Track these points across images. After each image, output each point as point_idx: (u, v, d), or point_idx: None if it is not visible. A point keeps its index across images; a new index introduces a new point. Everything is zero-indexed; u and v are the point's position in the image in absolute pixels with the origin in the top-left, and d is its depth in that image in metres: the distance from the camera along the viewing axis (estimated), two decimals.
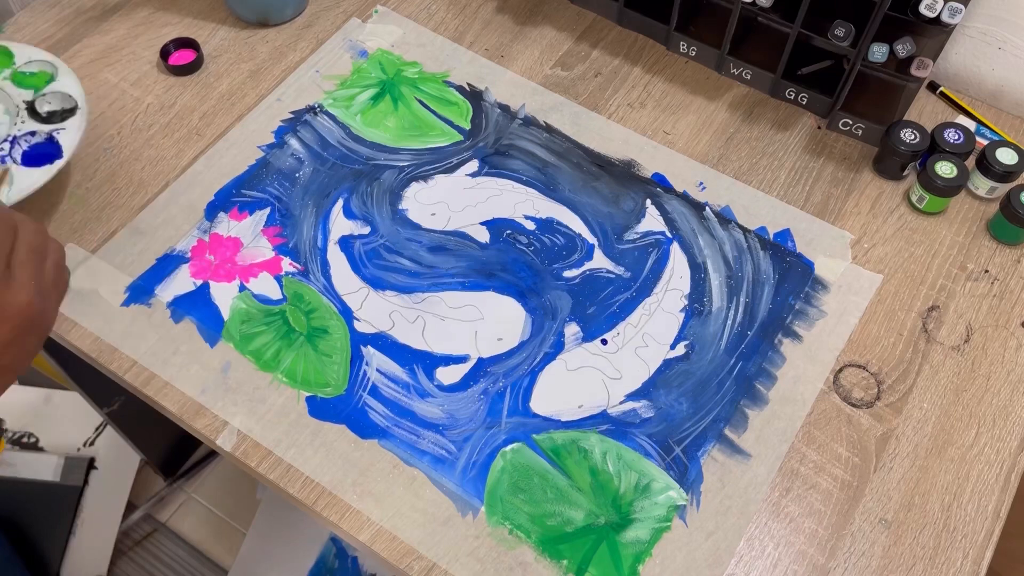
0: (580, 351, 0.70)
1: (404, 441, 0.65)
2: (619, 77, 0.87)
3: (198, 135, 0.82)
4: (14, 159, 0.71)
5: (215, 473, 1.36)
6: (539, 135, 0.82)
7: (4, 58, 0.78)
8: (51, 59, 0.78)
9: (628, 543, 0.62)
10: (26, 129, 0.73)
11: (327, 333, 0.70)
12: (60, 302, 0.60)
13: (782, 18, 0.79)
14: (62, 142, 0.73)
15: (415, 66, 0.87)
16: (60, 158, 0.72)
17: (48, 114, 0.74)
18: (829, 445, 0.66)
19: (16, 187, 0.69)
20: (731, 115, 0.85)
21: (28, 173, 0.71)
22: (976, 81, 0.87)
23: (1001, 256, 0.76)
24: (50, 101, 0.75)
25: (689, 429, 0.67)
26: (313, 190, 0.78)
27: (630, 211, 0.78)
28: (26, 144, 0.72)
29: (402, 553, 0.61)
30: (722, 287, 0.74)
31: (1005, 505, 0.64)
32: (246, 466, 0.65)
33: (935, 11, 0.70)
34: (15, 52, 0.78)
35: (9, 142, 0.72)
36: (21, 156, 0.71)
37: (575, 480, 0.64)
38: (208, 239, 0.75)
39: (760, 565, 0.61)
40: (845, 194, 0.80)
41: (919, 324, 0.72)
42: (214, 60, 0.87)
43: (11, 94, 0.75)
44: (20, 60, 0.78)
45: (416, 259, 0.75)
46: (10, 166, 0.70)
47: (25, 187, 0.70)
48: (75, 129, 0.73)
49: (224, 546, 1.30)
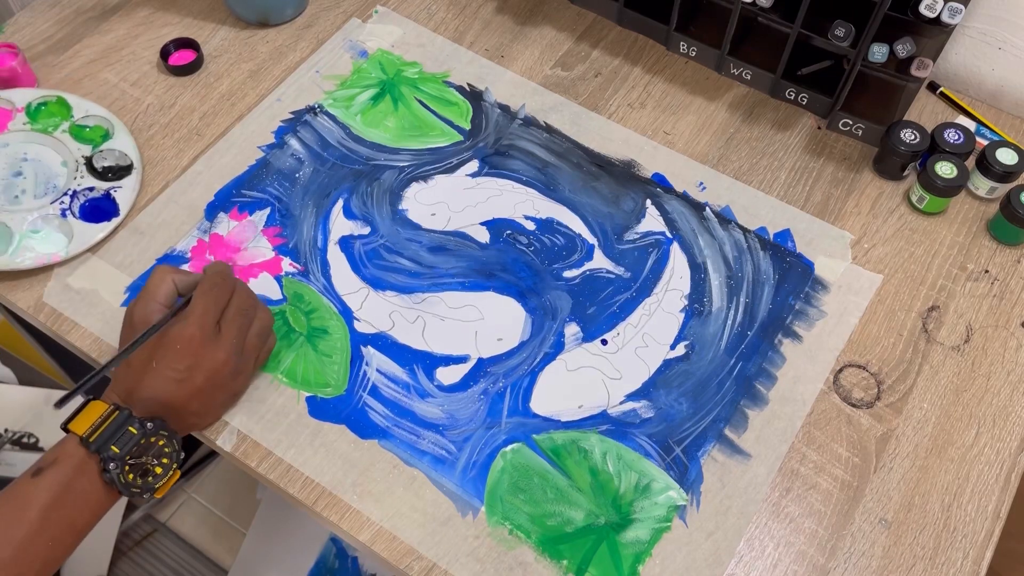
0: (580, 351, 0.70)
1: (404, 441, 0.65)
2: (619, 77, 0.87)
3: (198, 135, 0.82)
4: (73, 212, 0.74)
5: (215, 473, 1.36)
6: (539, 135, 0.82)
7: (63, 109, 0.79)
8: (107, 115, 0.80)
9: (628, 543, 0.62)
10: (85, 184, 0.75)
11: (327, 333, 0.70)
12: (258, 367, 0.67)
13: (782, 18, 0.79)
14: (119, 199, 0.75)
15: (415, 66, 0.87)
16: (116, 216, 0.75)
17: (103, 169, 0.76)
18: (829, 445, 0.66)
19: (75, 241, 0.73)
20: (731, 115, 0.85)
21: (88, 228, 0.74)
22: (976, 81, 0.87)
23: (1001, 256, 0.76)
24: (106, 157, 0.77)
25: (689, 429, 0.67)
26: (313, 190, 0.78)
27: (630, 211, 0.78)
28: (84, 198, 0.75)
29: (402, 553, 0.61)
30: (722, 287, 0.74)
31: (1005, 505, 0.64)
32: (246, 466, 0.65)
33: (935, 11, 0.70)
34: (72, 105, 0.80)
35: (70, 196, 0.74)
36: (79, 209, 0.74)
37: (575, 480, 0.64)
38: (208, 239, 0.75)
39: (760, 565, 0.61)
40: (845, 194, 0.80)
41: (919, 324, 0.72)
42: (214, 60, 0.87)
43: (70, 148, 0.77)
44: (78, 114, 0.79)
45: (416, 259, 0.75)
46: None
47: (84, 241, 0.73)
48: (131, 188, 0.76)
49: (224, 546, 1.29)
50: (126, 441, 0.57)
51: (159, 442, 0.59)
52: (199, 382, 0.60)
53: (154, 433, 0.59)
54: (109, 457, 0.57)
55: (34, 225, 0.72)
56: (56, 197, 0.74)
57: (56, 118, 0.78)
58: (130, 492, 0.58)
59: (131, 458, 0.58)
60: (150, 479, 0.59)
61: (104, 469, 0.57)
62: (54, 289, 0.72)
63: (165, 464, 0.59)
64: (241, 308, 0.63)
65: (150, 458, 0.58)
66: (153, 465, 0.59)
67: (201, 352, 0.60)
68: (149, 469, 0.59)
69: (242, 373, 0.64)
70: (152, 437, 0.58)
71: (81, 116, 0.79)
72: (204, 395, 0.61)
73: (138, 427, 0.58)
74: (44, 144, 0.77)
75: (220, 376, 0.61)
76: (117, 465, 0.57)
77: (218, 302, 0.62)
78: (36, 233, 0.72)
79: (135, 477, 0.58)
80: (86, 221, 0.74)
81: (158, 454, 0.59)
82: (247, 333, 0.63)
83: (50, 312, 0.71)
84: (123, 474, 0.57)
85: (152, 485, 0.59)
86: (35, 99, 0.79)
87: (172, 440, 0.60)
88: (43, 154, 0.77)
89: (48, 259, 0.71)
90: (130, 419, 0.58)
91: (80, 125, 0.79)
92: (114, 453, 0.57)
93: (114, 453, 0.57)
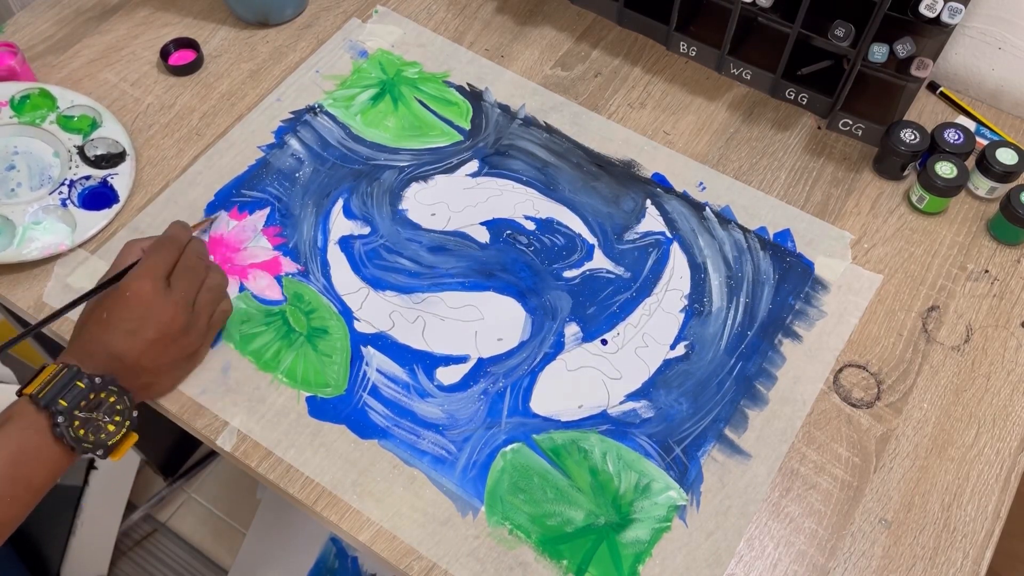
0: (580, 351, 0.70)
1: (404, 441, 0.65)
2: (619, 77, 0.87)
3: (198, 135, 0.82)
4: (73, 201, 0.74)
5: (215, 473, 1.36)
6: (539, 135, 0.82)
7: (47, 101, 0.79)
8: (92, 103, 0.80)
9: (628, 543, 0.62)
10: (81, 173, 0.76)
11: (327, 333, 0.70)
12: (212, 333, 0.67)
13: (782, 18, 0.79)
14: (116, 186, 0.76)
15: (415, 66, 0.87)
16: (117, 202, 0.76)
17: (96, 158, 0.77)
18: (829, 445, 0.66)
19: (79, 230, 0.73)
20: (731, 115, 0.85)
21: (90, 216, 0.74)
22: (976, 81, 0.87)
23: (1001, 256, 0.76)
24: (98, 146, 0.78)
25: (689, 429, 0.67)
26: (313, 190, 0.78)
27: (630, 211, 0.78)
28: (82, 187, 0.75)
29: (402, 553, 0.61)
30: (722, 287, 0.74)
31: (1005, 505, 0.64)
32: (246, 466, 0.65)
33: (935, 11, 0.70)
34: (56, 96, 0.80)
35: (67, 185, 0.75)
36: (78, 198, 0.75)
37: (575, 480, 0.64)
38: (208, 239, 0.75)
39: (760, 565, 0.61)
40: (845, 194, 0.80)
41: (919, 324, 0.72)
42: (214, 60, 0.87)
43: (60, 138, 0.77)
44: (63, 104, 0.79)
45: (416, 259, 0.75)
46: (221, 214, 0.75)
47: (88, 229, 0.74)
48: (127, 175, 0.77)
49: (224, 546, 1.29)
50: (75, 395, 0.57)
51: (110, 398, 0.59)
52: (150, 335, 0.61)
53: (103, 388, 0.59)
54: (58, 411, 0.57)
55: (35, 216, 0.73)
56: (54, 188, 0.74)
57: (42, 110, 0.78)
58: (82, 448, 0.58)
59: (80, 411, 0.58)
60: (102, 435, 0.59)
61: (54, 423, 0.57)
62: (54, 289, 0.72)
63: (117, 422, 0.59)
64: (188, 265, 0.65)
65: (101, 415, 0.59)
66: (105, 422, 0.59)
67: (151, 303, 0.61)
68: (101, 426, 0.59)
69: (194, 328, 0.64)
70: (102, 392, 0.59)
71: (67, 107, 0.79)
72: (156, 350, 0.62)
73: (86, 382, 0.58)
74: (33, 136, 0.77)
75: (171, 330, 0.62)
76: (66, 419, 0.57)
77: (167, 258, 0.64)
78: (38, 224, 0.73)
79: (86, 433, 0.58)
80: (87, 209, 0.74)
81: (109, 411, 0.59)
82: (198, 290, 0.65)
83: (50, 312, 0.71)
84: (72, 428, 0.57)
85: (104, 442, 0.59)
86: (17, 92, 0.79)
87: (123, 397, 0.60)
88: (33, 146, 0.77)
89: (55, 248, 0.72)
90: (79, 374, 0.58)
91: (67, 115, 0.79)
92: (62, 407, 0.57)
93: (62, 407, 0.57)
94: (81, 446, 0.58)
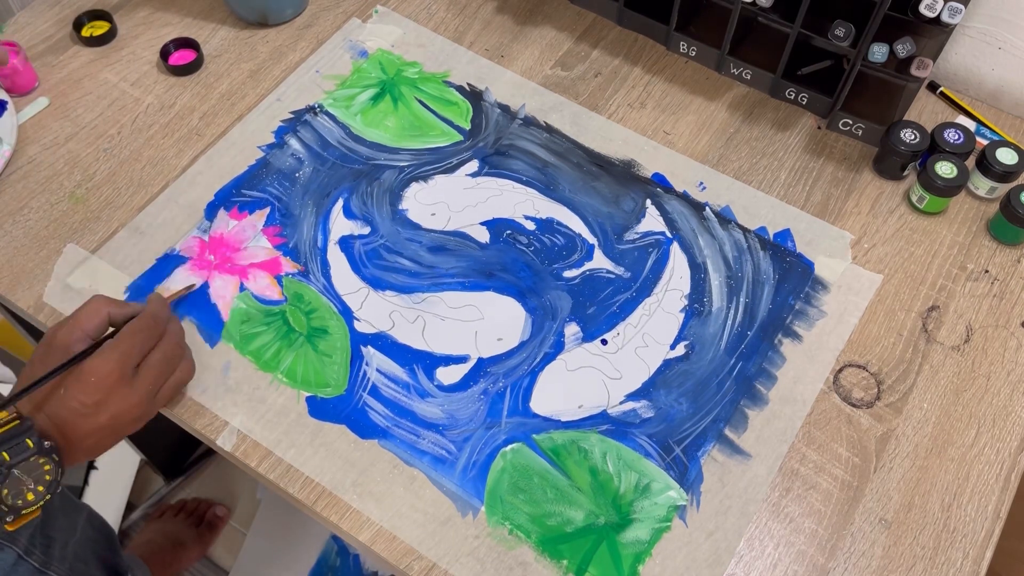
0: (580, 351, 0.70)
1: (404, 441, 0.65)
2: (619, 77, 0.87)
3: (198, 135, 0.82)
4: None
5: (215, 473, 1.36)
6: (539, 135, 0.82)
7: None
8: None
9: (628, 543, 0.62)
10: None
11: (327, 333, 0.70)
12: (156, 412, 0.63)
13: (782, 18, 0.79)
14: None
15: (415, 66, 0.87)
16: None
17: None
18: (829, 445, 0.66)
19: None
20: (731, 115, 0.85)
21: None
22: (976, 81, 0.87)
23: (1001, 256, 0.76)
24: None
25: (689, 429, 0.67)
26: (313, 190, 0.78)
27: (630, 211, 0.78)
28: None
29: (402, 553, 0.61)
30: (722, 287, 0.74)
31: (1005, 505, 0.64)
32: (246, 466, 0.65)
33: (935, 11, 0.70)
34: None
35: None
36: None
37: (575, 480, 0.64)
38: (208, 239, 0.75)
39: (760, 565, 0.61)
40: (845, 194, 0.80)
41: (919, 324, 0.72)
42: (214, 60, 0.87)
43: None
44: None
45: (416, 259, 0.75)
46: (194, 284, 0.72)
47: None
48: None
49: (224, 546, 1.29)
50: (20, 452, 0.54)
51: (46, 466, 0.55)
52: (102, 420, 0.58)
53: (46, 454, 0.55)
54: None
55: None
56: None
57: None
58: None
59: (16, 471, 0.53)
60: (19, 501, 0.54)
61: None
62: (54, 289, 0.72)
63: (39, 492, 0.55)
64: (167, 356, 0.61)
65: (29, 480, 0.54)
66: (28, 488, 0.54)
67: (114, 391, 0.58)
68: (23, 491, 0.54)
69: (144, 419, 0.61)
70: (43, 459, 0.54)
71: None
72: (102, 433, 0.58)
73: (35, 442, 0.54)
74: None
75: (124, 419, 0.59)
76: (1, 473, 0.53)
77: (144, 344, 0.60)
78: None
79: (8, 494, 0.54)
80: None
81: (39, 479, 0.54)
82: (164, 382, 0.61)
83: (50, 312, 0.71)
84: (1, 485, 0.53)
85: (19, 509, 0.54)
86: None
87: (57, 470, 0.55)
88: None
89: None
90: (30, 431, 0.54)
91: None
92: (3, 460, 0.53)
93: (3, 460, 0.53)
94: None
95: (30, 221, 0.76)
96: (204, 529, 1.27)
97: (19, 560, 0.72)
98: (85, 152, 0.80)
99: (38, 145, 0.80)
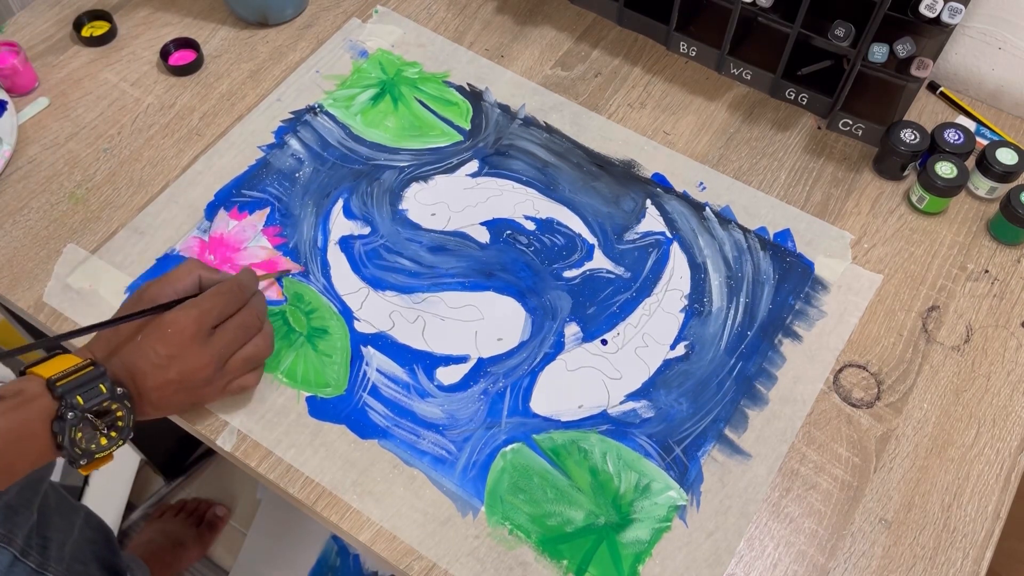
0: (580, 351, 0.70)
1: (404, 441, 0.65)
2: (619, 77, 0.87)
3: (198, 135, 0.82)
4: None
5: (215, 473, 1.36)
6: (539, 135, 0.82)
7: None
8: None
9: (628, 543, 0.62)
10: None
11: (327, 333, 0.70)
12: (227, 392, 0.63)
13: (782, 18, 0.79)
14: None
15: (415, 66, 0.87)
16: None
17: None
18: (829, 445, 0.66)
19: None
20: (731, 115, 0.85)
21: None
22: (976, 81, 0.87)
23: (1001, 256, 0.76)
24: None
25: (689, 429, 0.67)
26: (313, 190, 0.78)
27: (630, 211, 0.78)
28: None
29: (402, 553, 0.61)
30: (722, 287, 0.74)
31: (1005, 505, 0.64)
32: (246, 466, 0.65)
33: (935, 11, 0.70)
34: None
35: None
36: None
37: (575, 480, 0.64)
38: (208, 239, 0.75)
39: (760, 565, 0.61)
40: (845, 194, 0.80)
41: (919, 324, 0.72)
42: (214, 60, 0.87)
43: None
44: None
45: (416, 259, 0.75)
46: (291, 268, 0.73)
47: None
48: None
49: (224, 546, 1.29)
50: (93, 396, 0.55)
51: (118, 412, 0.56)
52: (171, 374, 0.59)
53: (119, 400, 0.56)
54: (70, 406, 0.54)
55: None
56: None
57: None
58: (71, 452, 0.55)
59: (90, 415, 0.55)
60: (93, 446, 0.56)
61: (59, 416, 0.54)
62: (54, 289, 0.72)
63: (112, 438, 0.56)
64: (244, 323, 0.62)
65: (103, 425, 0.56)
66: (102, 434, 0.56)
67: (187, 346, 0.59)
68: (97, 436, 0.56)
69: (212, 385, 0.61)
70: (115, 403, 0.56)
71: None
72: (169, 389, 0.59)
73: (108, 387, 0.56)
74: None
75: (193, 378, 0.60)
76: (76, 416, 0.54)
77: (226, 306, 0.61)
78: None
79: (81, 438, 0.55)
80: None
81: (111, 424, 0.56)
82: (237, 350, 0.62)
83: (50, 312, 0.71)
84: (75, 428, 0.54)
85: (93, 453, 0.56)
86: None
87: (129, 416, 0.57)
88: None
89: None
90: (103, 377, 0.56)
91: None
92: (77, 403, 0.54)
93: (77, 403, 0.54)
94: (71, 449, 0.55)
95: (30, 221, 0.76)
96: (204, 529, 1.27)
97: (15, 561, 0.72)
98: (85, 152, 0.80)
99: (38, 145, 0.80)
